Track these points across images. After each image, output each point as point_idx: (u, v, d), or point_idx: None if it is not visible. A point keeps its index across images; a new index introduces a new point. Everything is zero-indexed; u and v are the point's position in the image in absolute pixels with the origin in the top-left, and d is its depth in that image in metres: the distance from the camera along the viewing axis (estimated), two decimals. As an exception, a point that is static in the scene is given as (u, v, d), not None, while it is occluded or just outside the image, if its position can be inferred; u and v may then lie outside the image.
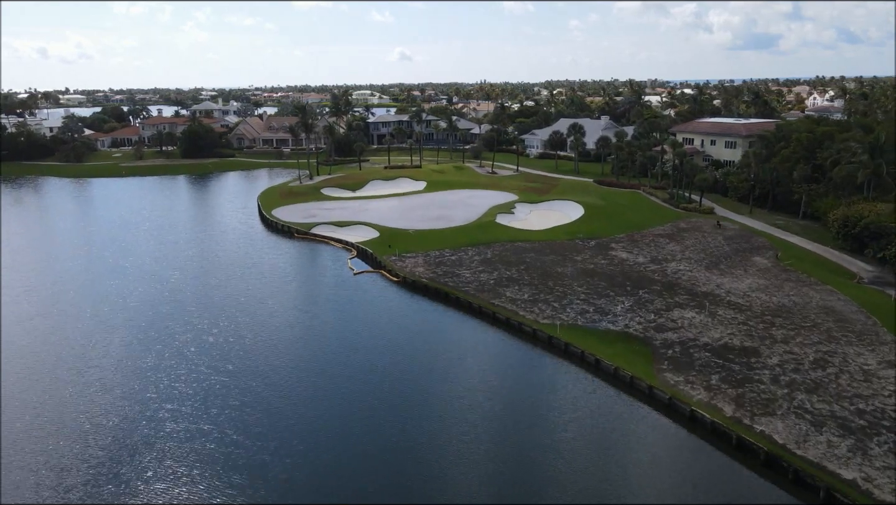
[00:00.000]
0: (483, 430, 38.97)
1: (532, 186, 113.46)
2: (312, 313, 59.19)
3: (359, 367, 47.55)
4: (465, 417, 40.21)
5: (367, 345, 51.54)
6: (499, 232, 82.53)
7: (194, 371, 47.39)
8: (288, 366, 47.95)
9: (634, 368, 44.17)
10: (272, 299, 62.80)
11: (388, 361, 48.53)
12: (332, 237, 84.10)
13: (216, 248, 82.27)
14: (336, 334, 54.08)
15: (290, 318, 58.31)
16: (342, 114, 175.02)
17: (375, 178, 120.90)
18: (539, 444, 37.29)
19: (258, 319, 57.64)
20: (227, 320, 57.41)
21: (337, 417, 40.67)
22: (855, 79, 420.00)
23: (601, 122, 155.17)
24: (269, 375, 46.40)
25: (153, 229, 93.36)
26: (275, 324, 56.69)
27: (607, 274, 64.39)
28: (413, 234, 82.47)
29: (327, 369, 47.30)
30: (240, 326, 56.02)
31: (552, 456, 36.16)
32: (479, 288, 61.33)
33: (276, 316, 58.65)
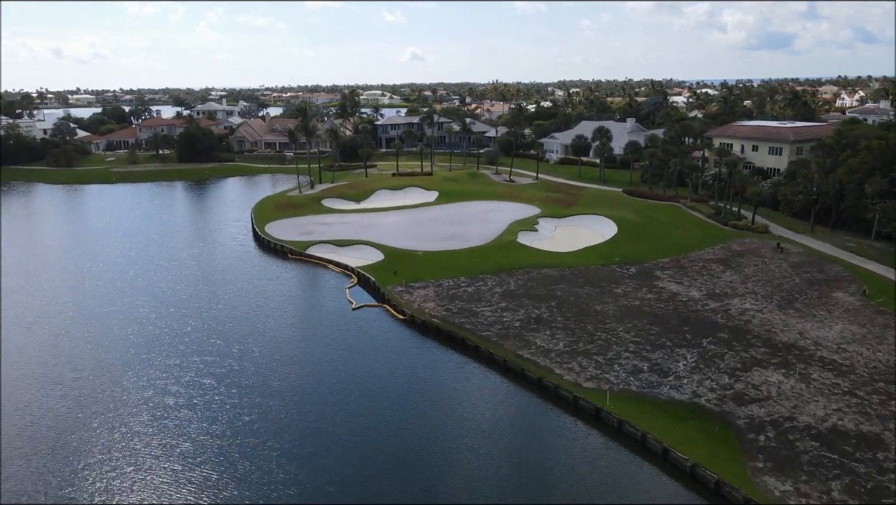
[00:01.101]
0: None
1: (555, 197, 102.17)
2: (293, 366, 48.25)
3: (350, 455, 36.60)
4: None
5: (360, 417, 40.58)
6: (522, 255, 71.35)
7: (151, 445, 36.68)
8: (254, 455, 37.10)
9: (718, 464, 32.87)
10: (245, 343, 51.95)
11: (387, 442, 37.55)
12: (331, 260, 73.26)
13: (197, 274, 71.61)
14: (320, 405, 43.13)
15: (261, 377, 47.38)
16: (349, 115, 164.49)
17: (382, 186, 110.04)
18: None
19: (219, 380, 46.84)
20: (181, 384, 46.65)
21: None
22: (880, 79, 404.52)
23: (627, 124, 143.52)
24: (227, 462, 35.61)
25: (128, 248, 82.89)
26: (244, 383, 45.81)
27: (658, 315, 53.02)
28: (422, 256, 71.47)
29: (303, 462, 36.39)
30: (198, 396, 45.21)
31: None
32: (503, 332, 50.22)
33: (243, 374, 47.77)
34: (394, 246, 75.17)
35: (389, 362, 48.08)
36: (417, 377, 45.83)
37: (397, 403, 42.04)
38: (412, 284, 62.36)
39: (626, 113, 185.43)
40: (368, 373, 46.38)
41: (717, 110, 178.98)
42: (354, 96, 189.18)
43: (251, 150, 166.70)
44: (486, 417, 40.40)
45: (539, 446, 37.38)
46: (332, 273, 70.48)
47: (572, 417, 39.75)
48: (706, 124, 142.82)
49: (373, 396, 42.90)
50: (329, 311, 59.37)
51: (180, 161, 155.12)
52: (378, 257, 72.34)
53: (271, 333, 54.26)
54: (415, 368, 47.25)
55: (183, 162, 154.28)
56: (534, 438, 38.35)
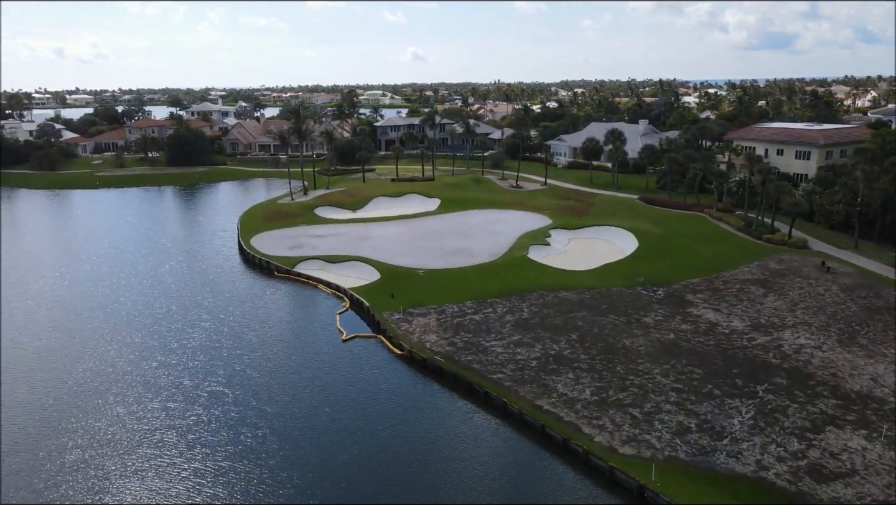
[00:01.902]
0: None
1: (566, 205, 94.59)
2: (264, 420, 40.72)
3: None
4: None
5: (347, 490, 33.01)
6: (534, 274, 63.75)
7: None
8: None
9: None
10: (215, 385, 44.40)
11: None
12: (321, 279, 65.70)
13: (171, 295, 64.06)
14: (300, 464, 35.57)
15: (231, 432, 39.84)
16: (346, 117, 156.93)
17: (380, 193, 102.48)
18: None
19: (182, 435, 39.30)
20: (132, 440, 39.09)
21: None
22: (888, 78, 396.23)
23: (640, 126, 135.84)
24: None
25: (100, 263, 75.36)
26: (210, 441, 38.28)
27: (698, 352, 45.39)
28: (423, 275, 63.91)
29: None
30: (153, 457, 37.66)
31: None
32: (518, 375, 42.64)
33: (209, 427, 40.25)
34: (391, 263, 67.61)
35: (382, 414, 40.43)
36: (416, 432, 38.20)
37: (391, 472, 34.46)
38: (411, 311, 54.79)
39: (636, 114, 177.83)
40: (358, 429, 38.79)
41: (731, 111, 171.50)
42: (353, 96, 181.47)
43: (244, 152, 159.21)
44: (500, 489, 32.79)
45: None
46: (323, 294, 62.97)
47: (608, 490, 32.16)
48: (723, 126, 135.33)
49: (361, 465, 35.31)
50: (316, 342, 51.78)
51: (169, 164, 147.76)
52: (374, 276, 64.79)
53: (247, 373, 46.65)
54: (413, 422, 39.61)
55: (172, 165, 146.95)
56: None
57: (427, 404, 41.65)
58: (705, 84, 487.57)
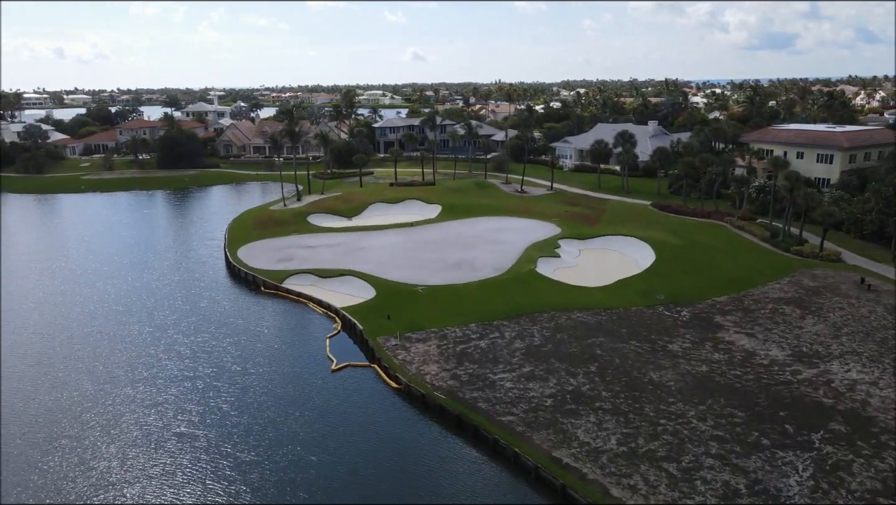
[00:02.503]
0: None
1: (575, 212, 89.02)
2: (239, 471, 35.15)
3: None
4: None
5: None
6: (544, 291, 58.14)
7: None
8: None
9: None
10: (184, 423, 38.83)
11: None
12: (311, 296, 60.13)
13: (145, 313, 58.48)
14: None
15: (198, 486, 34.30)
16: (344, 117, 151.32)
17: (378, 199, 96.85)
18: None
19: (146, 485, 33.74)
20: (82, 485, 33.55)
21: None
22: (894, 78, 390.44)
23: (649, 128, 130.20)
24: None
25: (73, 276, 69.84)
26: (175, 482, 32.75)
27: (736, 388, 39.80)
28: (423, 292, 58.32)
29: None
30: (117, 503, 32.10)
31: None
32: (531, 417, 37.06)
33: (175, 476, 34.69)
34: (388, 278, 62.01)
35: (376, 463, 34.87)
36: (414, 486, 32.63)
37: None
38: (409, 335, 49.24)
39: (642, 114, 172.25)
40: (348, 484, 33.23)
41: (742, 112, 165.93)
42: (351, 96, 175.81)
43: (238, 155, 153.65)
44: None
45: None
46: (313, 313, 57.42)
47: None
48: (736, 127, 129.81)
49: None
50: (302, 372, 46.20)
51: (160, 167, 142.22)
52: (368, 293, 59.20)
53: (223, 410, 41.07)
54: (411, 472, 34.05)
55: (163, 168, 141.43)
56: None
57: (427, 452, 36.06)
58: (708, 84, 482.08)
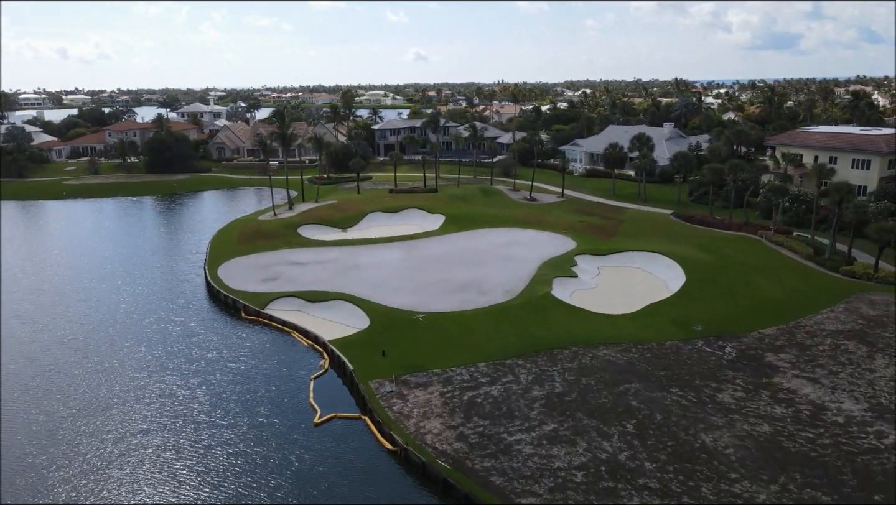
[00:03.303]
0: None
1: (590, 223, 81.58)
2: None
3: None
4: None
5: None
6: (563, 319, 50.68)
7: None
8: None
9: None
10: (129, 493, 31.54)
11: None
12: (296, 326, 52.73)
13: (104, 346, 51.14)
14: None
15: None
16: (342, 119, 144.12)
17: (375, 208, 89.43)
18: None
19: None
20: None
21: None
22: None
23: (665, 130, 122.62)
24: None
25: (35, 295, 62.56)
26: None
27: (812, 458, 32.24)
28: (424, 321, 50.92)
29: None
30: None
31: None
32: (557, 498, 29.60)
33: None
34: (384, 303, 54.57)
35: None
36: None
37: None
38: (408, 378, 41.82)
39: (654, 116, 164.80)
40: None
41: (759, 113, 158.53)
42: (350, 97, 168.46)
43: (231, 158, 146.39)
44: None
45: None
46: (298, 345, 50.11)
47: None
48: (755, 129, 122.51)
49: None
50: (280, 422, 38.81)
51: (148, 171, 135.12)
52: (361, 322, 51.78)
53: (180, 478, 33.69)
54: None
55: (151, 172, 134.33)
56: None
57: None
58: (714, 84, 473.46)
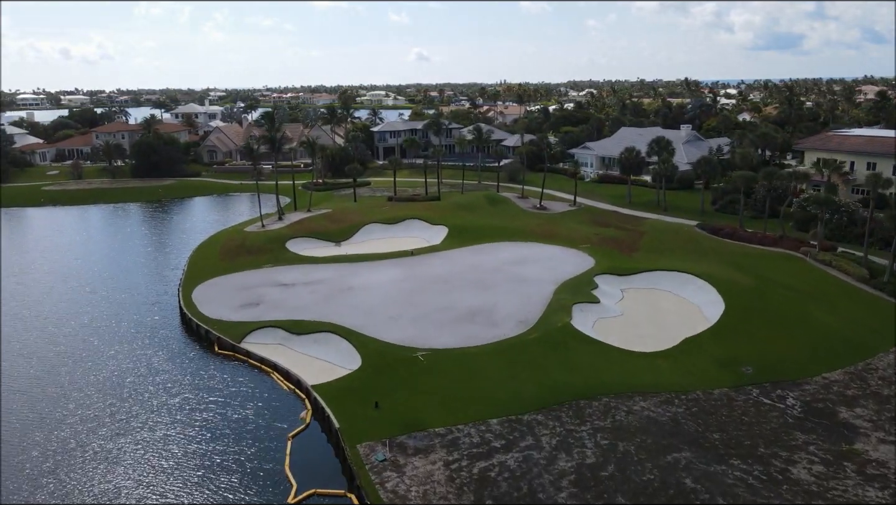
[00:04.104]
0: None
1: (608, 236, 74.09)
2: None
3: None
4: None
5: None
6: (587, 358, 43.21)
7: None
8: None
9: None
10: None
11: None
12: (276, 365, 45.27)
13: (54, 387, 43.75)
14: None
15: None
16: (340, 120, 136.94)
17: (373, 218, 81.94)
18: None
19: None
20: None
21: None
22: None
23: (682, 133, 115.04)
24: None
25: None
26: None
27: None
28: (425, 360, 43.46)
29: None
30: None
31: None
32: None
33: None
34: (379, 337, 47.09)
35: None
36: None
37: None
38: (405, 441, 34.35)
39: (666, 117, 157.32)
40: None
41: (779, 114, 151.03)
42: (349, 97, 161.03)
43: (223, 161, 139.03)
44: None
45: None
46: (278, 389, 42.74)
47: None
48: (777, 131, 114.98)
49: None
50: (249, 501, 31.38)
51: (134, 176, 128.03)
52: (352, 361, 44.31)
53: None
54: None
55: (137, 177, 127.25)
56: None
57: None
58: (719, 84, 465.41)
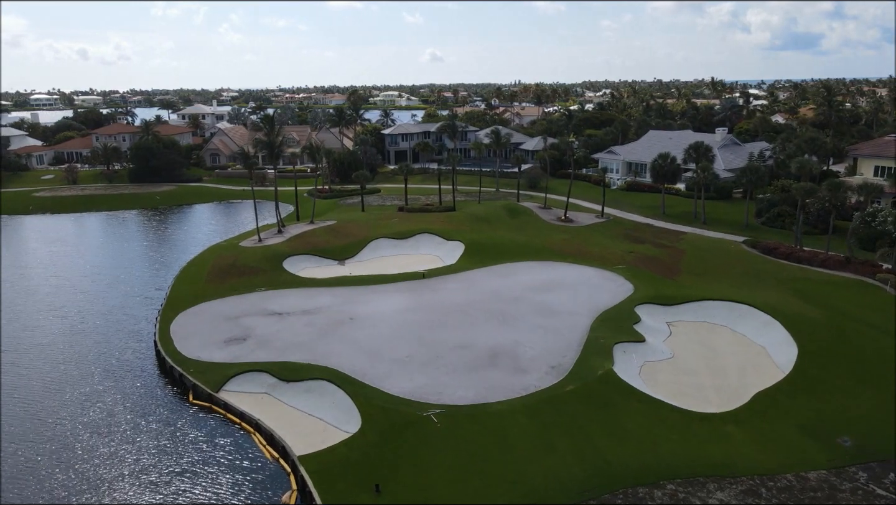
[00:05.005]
0: None
1: (644, 254, 65.81)
2: None
3: None
4: None
5: None
6: (640, 422, 35.02)
7: None
8: None
9: None
10: None
11: None
12: (258, 423, 37.42)
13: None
14: None
15: None
16: (348, 122, 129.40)
17: (381, 232, 74.06)
18: None
19: None
20: None
21: None
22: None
23: (717, 137, 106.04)
24: None
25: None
26: None
27: None
28: (438, 421, 35.45)
29: None
30: None
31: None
32: None
33: None
34: (382, 387, 39.13)
35: None
36: None
37: None
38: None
39: (694, 119, 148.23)
40: None
41: (816, 116, 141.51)
42: (358, 97, 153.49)
43: (225, 165, 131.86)
44: None
45: None
46: (258, 454, 34.95)
47: None
48: (820, 134, 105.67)
49: None
50: None
51: (132, 181, 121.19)
52: (349, 421, 36.38)
53: None
54: None
55: (135, 182, 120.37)
56: None
57: None
58: (738, 84, 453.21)
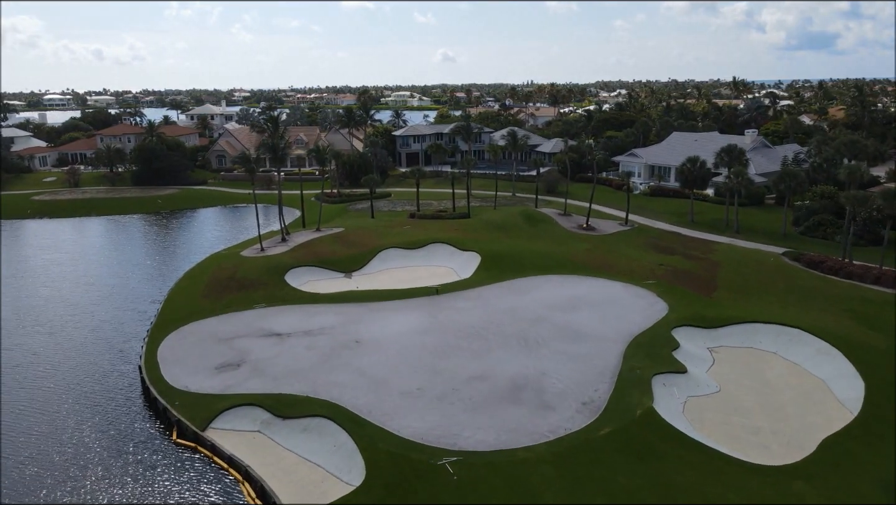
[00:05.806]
0: None
1: (675, 267, 60.51)
2: None
3: None
4: None
5: None
6: (687, 474, 29.88)
7: None
8: None
9: None
10: None
11: None
12: (248, 470, 32.64)
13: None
14: None
15: None
16: (358, 123, 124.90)
17: (391, 242, 69.17)
18: None
19: None
20: None
21: None
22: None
23: (747, 139, 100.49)
24: None
25: None
26: None
27: None
28: (453, 472, 30.50)
29: None
30: None
31: None
32: None
33: None
34: (390, 428, 34.21)
35: None
36: None
37: None
38: None
39: (717, 121, 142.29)
40: None
41: (847, 117, 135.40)
42: (369, 98, 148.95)
43: (231, 168, 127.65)
44: None
45: None
46: (245, 502, 30.19)
47: None
48: (854, 136, 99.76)
49: None
50: None
51: (135, 184, 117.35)
52: (351, 471, 31.50)
53: None
54: None
55: (138, 185, 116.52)
56: None
57: None
58: (755, 84, 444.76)
